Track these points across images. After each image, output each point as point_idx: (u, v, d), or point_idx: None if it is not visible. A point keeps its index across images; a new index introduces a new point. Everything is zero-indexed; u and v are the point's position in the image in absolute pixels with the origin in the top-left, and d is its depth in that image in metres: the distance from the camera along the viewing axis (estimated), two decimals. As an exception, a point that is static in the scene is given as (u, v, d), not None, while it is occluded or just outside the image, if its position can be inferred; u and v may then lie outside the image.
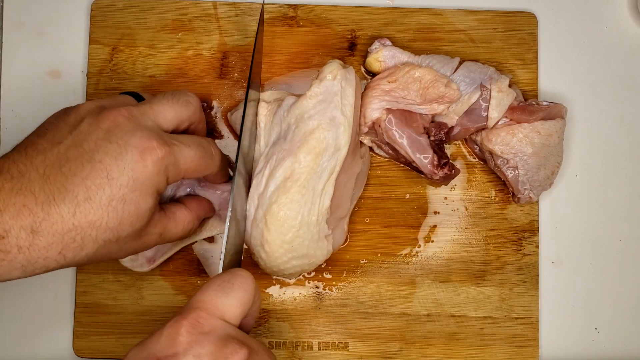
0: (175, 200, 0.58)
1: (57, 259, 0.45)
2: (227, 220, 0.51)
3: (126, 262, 0.59)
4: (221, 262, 0.50)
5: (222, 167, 0.56)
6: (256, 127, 0.59)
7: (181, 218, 0.54)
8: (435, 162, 0.60)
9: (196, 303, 0.44)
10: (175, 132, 0.52)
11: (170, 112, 0.51)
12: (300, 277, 0.63)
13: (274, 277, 0.62)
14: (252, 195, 0.57)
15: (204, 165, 0.52)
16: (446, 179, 0.61)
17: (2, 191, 0.44)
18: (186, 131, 0.54)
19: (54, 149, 0.46)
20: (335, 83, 0.57)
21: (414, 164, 0.61)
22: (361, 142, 0.63)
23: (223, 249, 0.50)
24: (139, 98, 0.54)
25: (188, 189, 0.60)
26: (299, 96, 0.58)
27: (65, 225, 0.44)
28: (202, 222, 0.60)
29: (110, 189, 0.46)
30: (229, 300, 0.44)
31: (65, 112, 0.50)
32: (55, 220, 0.44)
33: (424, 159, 0.60)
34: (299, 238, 0.56)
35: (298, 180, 0.55)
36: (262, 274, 0.61)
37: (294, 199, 0.55)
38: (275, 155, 0.57)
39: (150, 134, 0.48)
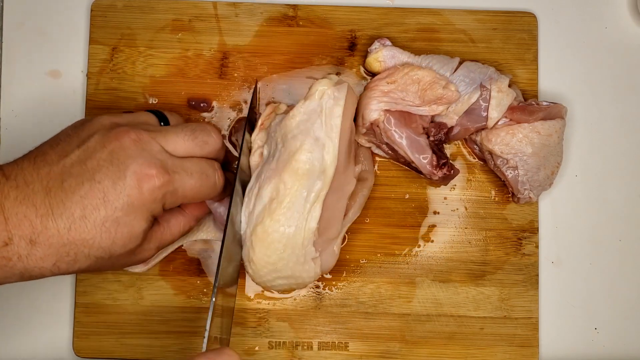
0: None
1: (51, 269, 0.47)
2: (215, 283, 0.52)
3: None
4: (205, 340, 0.49)
5: (222, 190, 0.56)
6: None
7: (176, 225, 0.54)
8: (435, 163, 0.60)
9: None
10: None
11: (182, 146, 0.51)
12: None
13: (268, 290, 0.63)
14: (243, 211, 0.56)
15: (204, 194, 0.52)
16: (445, 179, 0.61)
17: (8, 199, 0.45)
18: None
19: (60, 162, 0.47)
20: (321, 102, 0.55)
21: (413, 164, 0.61)
22: (356, 160, 0.62)
23: (208, 327, 0.49)
24: (162, 117, 0.55)
25: None
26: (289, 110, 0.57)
27: (60, 239, 0.46)
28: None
29: (105, 211, 0.47)
30: None
31: (82, 123, 0.51)
32: (52, 234, 0.46)
33: (423, 159, 0.60)
34: (283, 260, 0.55)
35: (282, 202, 0.54)
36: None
37: (278, 221, 0.54)
38: (264, 174, 0.56)
39: (151, 161, 0.48)
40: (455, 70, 0.61)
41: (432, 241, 0.64)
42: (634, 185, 0.66)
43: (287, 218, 0.54)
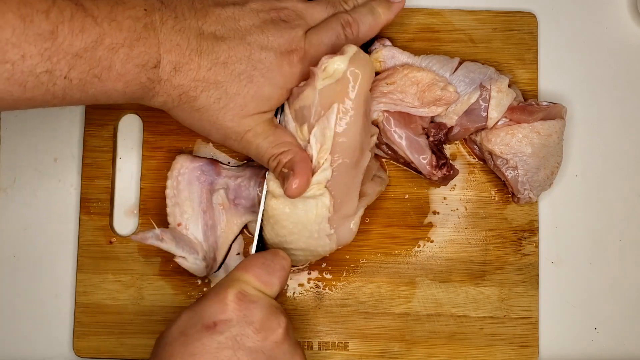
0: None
1: (175, 99, 0.51)
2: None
3: (202, 271, 0.60)
4: (254, 244, 0.57)
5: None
6: None
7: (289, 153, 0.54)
8: (434, 163, 0.60)
9: (241, 276, 0.49)
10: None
11: (320, 15, 0.57)
12: (304, 268, 0.63)
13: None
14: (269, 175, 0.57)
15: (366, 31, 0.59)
16: (445, 180, 0.61)
17: (164, 26, 0.49)
18: None
19: (216, 9, 0.52)
20: (339, 82, 0.53)
21: (413, 165, 0.61)
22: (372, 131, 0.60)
23: (258, 227, 0.57)
24: None
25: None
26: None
27: (198, 74, 0.50)
28: None
29: (246, 66, 0.51)
30: (270, 277, 0.50)
31: None
32: (192, 67, 0.50)
33: (423, 159, 0.60)
34: (294, 235, 0.56)
35: None
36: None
37: (282, 202, 0.55)
38: None
39: (292, 42, 0.53)
40: (455, 71, 0.61)
41: (432, 241, 0.64)
42: (634, 185, 0.66)
43: (291, 205, 0.55)
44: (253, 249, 0.57)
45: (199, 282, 0.63)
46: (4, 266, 0.64)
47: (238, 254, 0.63)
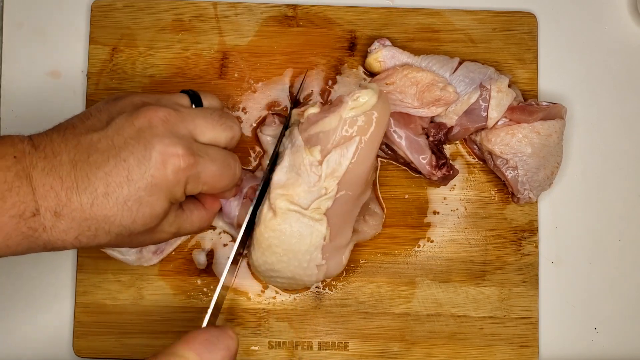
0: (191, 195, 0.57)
1: (73, 242, 0.47)
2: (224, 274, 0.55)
3: (133, 261, 0.60)
4: (207, 317, 0.53)
5: (231, 191, 0.57)
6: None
7: (197, 218, 0.55)
8: (434, 163, 0.60)
9: (180, 351, 0.46)
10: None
11: (210, 131, 0.51)
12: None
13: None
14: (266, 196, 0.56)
15: (224, 183, 0.52)
16: (445, 180, 0.61)
17: (35, 170, 0.45)
18: None
19: (88, 135, 0.47)
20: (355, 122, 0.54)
21: (413, 165, 0.61)
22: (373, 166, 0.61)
23: (212, 304, 0.53)
24: (195, 98, 0.54)
25: None
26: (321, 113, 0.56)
27: (83, 214, 0.46)
28: None
29: (129, 190, 0.46)
30: (212, 357, 0.46)
31: (114, 99, 0.51)
32: (75, 208, 0.46)
33: (422, 159, 0.60)
34: (282, 263, 0.55)
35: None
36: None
37: (275, 230, 0.54)
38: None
39: (178, 142, 0.48)
40: (455, 71, 0.61)
41: (432, 241, 0.64)
42: (634, 185, 0.66)
43: (291, 223, 0.54)
44: (205, 321, 0.53)
45: (199, 282, 0.63)
46: (4, 266, 0.64)
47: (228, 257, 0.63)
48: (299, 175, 0.54)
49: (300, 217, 0.54)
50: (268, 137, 0.62)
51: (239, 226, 0.57)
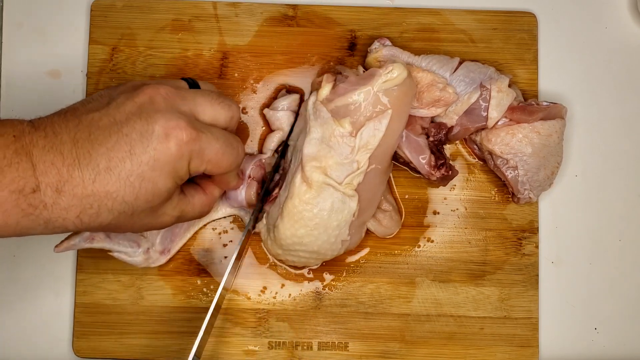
0: (191, 180, 0.57)
1: (74, 221, 0.47)
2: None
3: (140, 262, 0.59)
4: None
5: (234, 173, 0.56)
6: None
7: (199, 202, 0.54)
8: (433, 163, 0.60)
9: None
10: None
11: (210, 109, 0.51)
12: (302, 271, 0.63)
13: (278, 260, 0.62)
14: (291, 168, 0.56)
15: (227, 162, 0.51)
16: (444, 180, 0.61)
17: (36, 147, 0.45)
18: None
19: (89, 115, 0.47)
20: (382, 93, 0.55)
21: (412, 165, 0.61)
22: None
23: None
24: (194, 85, 0.55)
25: None
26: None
27: (85, 190, 0.46)
28: None
29: (131, 164, 0.46)
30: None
31: (116, 86, 0.51)
32: (76, 184, 0.45)
33: (422, 159, 0.60)
34: (311, 237, 0.56)
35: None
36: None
37: (315, 198, 0.55)
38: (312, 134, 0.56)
39: (180, 117, 0.48)
40: (455, 70, 0.61)
41: (432, 241, 0.64)
42: (634, 185, 0.66)
43: (323, 199, 0.55)
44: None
45: (199, 282, 0.63)
46: (4, 266, 0.64)
47: (226, 257, 0.63)
48: (330, 147, 0.55)
49: (334, 192, 0.55)
50: (279, 112, 0.62)
51: (250, 205, 0.57)
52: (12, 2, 0.66)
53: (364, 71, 0.64)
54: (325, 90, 0.55)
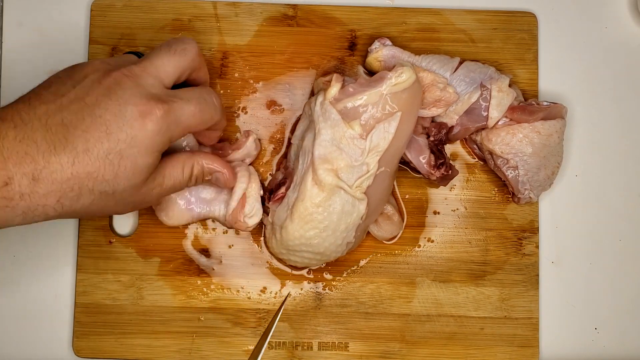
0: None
1: (55, 207, 0.47)
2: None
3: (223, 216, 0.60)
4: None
5: (224, 119, 0.56)
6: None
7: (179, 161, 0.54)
8: (432, 163, 0.60)
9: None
10: (177, 83, 0.52)
11: (170, 65, 0.51)
12: (302, 272, 0.63)
13: (278, 259, 0.62)
14: (300, 169, 0.56)
15: (205, 118, 0.52)
16: (444, 180, 0.61)
17: (6, 139, 0.45)
18: (188, 81, 0.54)
19: (57, 100, 0.47)
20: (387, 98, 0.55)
21: (412, 165, 0.61)
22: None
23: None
24: (140, 57, 0.55)
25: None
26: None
27: (64, 174, 0.46)
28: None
29: (109, 143, 0.47)
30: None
31: (72, 68, 0.51)
32: (55, 169, 0.45)
33: (422, 159, 0.60)
34: (319, 239, 0.56)
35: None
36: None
37: (327, 200, 0.55)
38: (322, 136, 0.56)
39: (149, 94, 0.48)
40: (455, 70, 0.61)
41: (432, 241, 0.64)
42: (634, 185, 0.66)
43: (334, 202, 0.55)
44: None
45: (199, 282, 0.63)
46: (4, 266, 0.64)
47: (231, 246, 0.63)
48: (341, 150, 0.55)
49: (344, 194, 0.55)
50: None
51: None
52: (12, 2, 0.66)
53: (364, 71, 0.64)
54: (334, 90, 0.55)
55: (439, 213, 0.64)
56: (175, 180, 0.53)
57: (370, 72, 0.63)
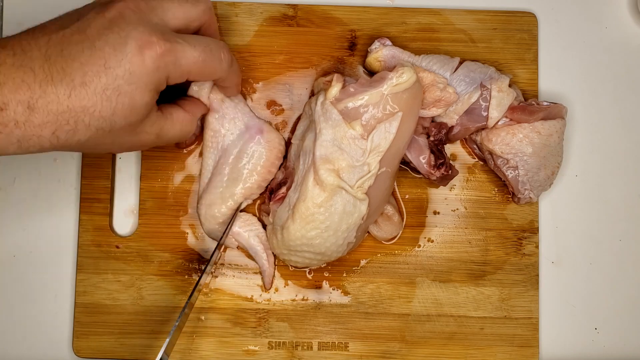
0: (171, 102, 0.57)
1: (50, 139, 0.46)
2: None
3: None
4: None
5: (234, 78, 0.56)
6: None
7: (178, 119, 0.54)
8: (432, 163, 0.60)
9: None
10: (184, 32, 0.52)
11: (179, 10, 0.51)
12: (303, 272, 0.63)
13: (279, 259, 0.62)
14: (301, 169, 0.56)
15: (210, 68, 0.51)
16: (443, 180, 0.61)
17: (3, 66, 0.44)
18: (197, 32, 0.54)
19: (59, 32, 0.47)
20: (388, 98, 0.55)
21: (412, 164, 0.61)
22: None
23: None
24: None
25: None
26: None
27: (60, 106, 0.45)
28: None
29: (106, 78, 0.46)
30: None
31: (84, 6, 0.51)
32: (50, 100, 0.45)
33: (422, 159, 0.60)
34: (320, 239, 0.56)
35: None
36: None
37: (329, 201, 0.55)
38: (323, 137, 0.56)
39: (152, 30, 0.48)
40: (455, 70, 0.61)
41: (432, 241, 0.64)
42: (634, 185, 0.66)
43: (335, 202, 0.55)
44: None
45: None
46: (4, 266, 0.64)
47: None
48: (342, 150, 0.55)
49: (346, 195, 0.55)
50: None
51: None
52: (12, 2, 0.66)
53: (364, 71, 0.64)
54: (335, 90, 0.55)
55: (438, 213, 0.64)
56: (171, 139, 0.54)
57: (370, 72, 0.63)
